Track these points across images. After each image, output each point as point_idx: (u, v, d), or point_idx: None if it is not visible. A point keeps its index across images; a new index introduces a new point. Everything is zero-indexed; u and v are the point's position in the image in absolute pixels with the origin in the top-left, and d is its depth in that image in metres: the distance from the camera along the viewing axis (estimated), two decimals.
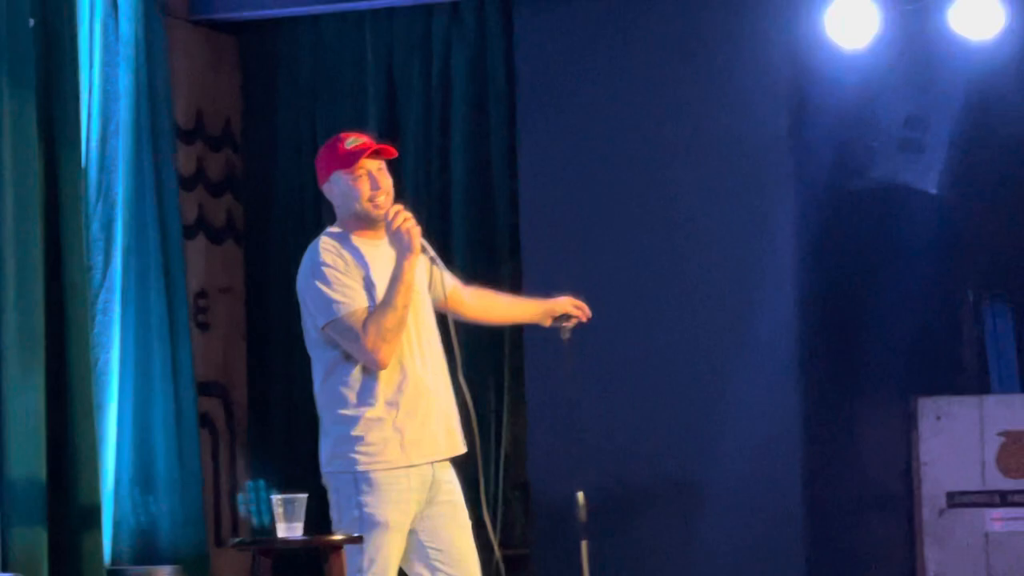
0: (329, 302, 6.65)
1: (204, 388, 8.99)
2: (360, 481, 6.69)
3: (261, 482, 8.66)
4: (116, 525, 8.43)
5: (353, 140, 6.81)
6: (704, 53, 8.84)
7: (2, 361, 7.75)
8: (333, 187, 6.81)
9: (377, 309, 6.63)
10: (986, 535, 9.86)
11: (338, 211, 6.85)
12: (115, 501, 8.44)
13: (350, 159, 6.76)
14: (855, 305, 9.53)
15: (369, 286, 6.66)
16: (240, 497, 8.39)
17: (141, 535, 8.50)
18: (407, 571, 6.88)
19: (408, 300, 6.67)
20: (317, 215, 9.16)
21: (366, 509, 6.68)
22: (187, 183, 9.07)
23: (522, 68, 9.08)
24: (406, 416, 6.75)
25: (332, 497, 6.81)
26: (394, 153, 6.93)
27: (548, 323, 7.21)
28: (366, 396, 6.70)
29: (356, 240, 6.75)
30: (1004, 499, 9.88)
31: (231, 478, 9.26)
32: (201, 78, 9.32)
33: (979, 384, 10.90)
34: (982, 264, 10.96)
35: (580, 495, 7.49)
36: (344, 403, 6.71)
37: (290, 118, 9.40)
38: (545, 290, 7.16)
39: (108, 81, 8.55)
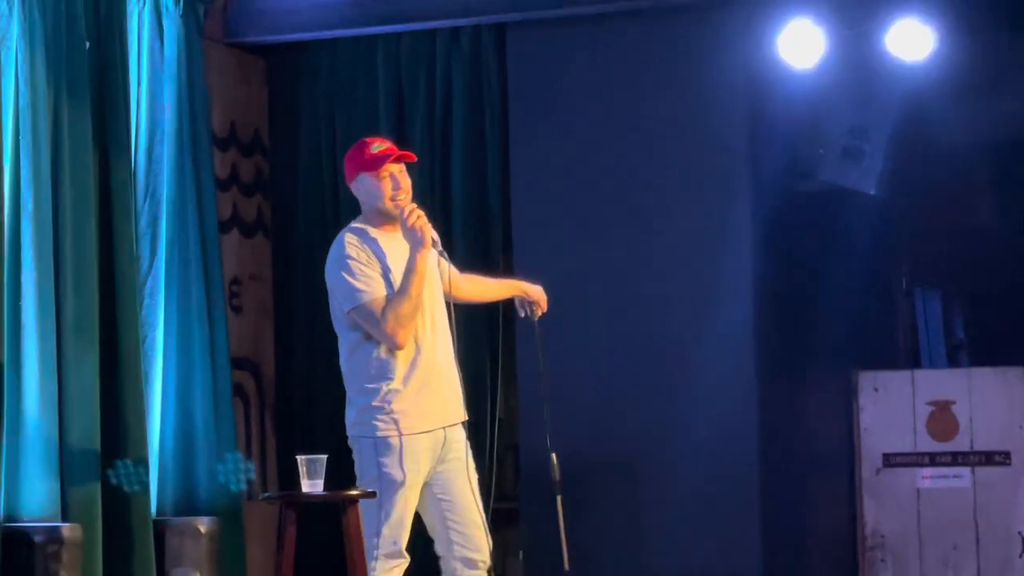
0: (353, 290, 6.68)
1: (237, 363, 8.98)
2: (380, 445, 6.72)
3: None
4: (161, 481, 8.42)
5: (378, 145, 6.83)
6: (672, 72, 8.82)
7: (61, 340, 7.75)
8: (359, 186, 6.83)
9: (394, 297, 6.66)
10: (917, 491, 9.87)
11: (363, 206, 6.86)
12: (160, 461, 8.44)
13: (375, 163, 6.78)
14: (804, 291, 9.54)
15: (386, 274, 6.69)
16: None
17: (182, 490, 8.50)
18: (424, 520, 6.94)
19: (421, 289, 6.70)
20: (336, 212, 9.20)
21: (384, 469, 6.71)
22: (222, 184, 9.07)
23: (513, 84, 9.06)
24: (420, 388, 6.78)
25: (356, 458, 6.83)
26: (414, 158, 6.97)
27: (521, 312, 7.28)
28: (386, 372, 6.73)
29: (376, 233, 6.77)
30: (932, 460, 9.89)
31: (261, 440, 9.28)
32: (234, 93, 9.32)
33: (911, 360, 10.96)
34: (914, 256, 10.98)
35: (553, 456, 7.47)
36: (367, 377, 6.75)
37: (311, 128, 9.38)
38: (533, 280, 7.19)
39: (154, 96, 8.54)
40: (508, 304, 7.69)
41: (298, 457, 6.49)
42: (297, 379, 9.31)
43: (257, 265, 9.42)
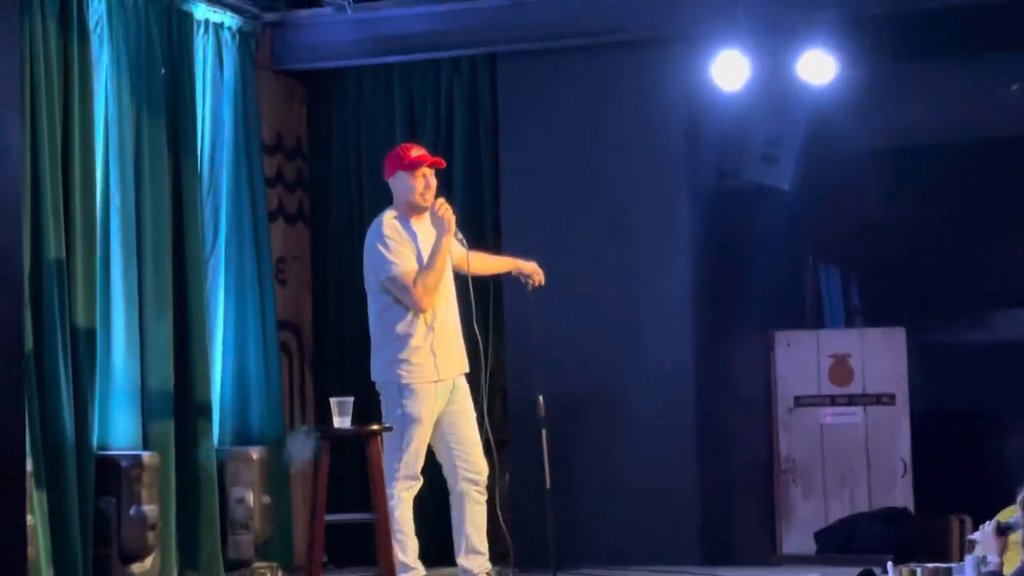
0: (389, 263, 6.76)
1: (282, 325, 8.94)
2: (403, 390, 6.80)
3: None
4: (222, 418, 8.41)
5: (416, 151, 6.98)
6: (628, 94, 8.77)
7: (143, 307, 7.76)
8: (396, 182, 6.93)
9: (423, 270, 6.74)
10: (821, 426, 9.89)
11: (396, 198, 6.95)
12: (221, 402, 8.42)
13: (413, 165, 6.90)
14: (731, 268, 9.52)
15: (418, 253, 6.78)
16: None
17: (238, 425, 8.48)
18: (435, 450, 6.95)
19: (444, 265, 6.81)
20: (361, 205, 9.17)
21: (406, 409, 6.79)
22: (270, 182, 9.02)
23: (503, 105, 9.02)
24: (435, 345, 6.86)
25: (382, 400, 6.94)
26: (443, 164, 7.14)
27: (525, 281, 7.31)
28: (409, 331, 6.80)
29: (407, 219, 6.88)
30: (833, 401, 9.91)
31: (301, 387, 9.25)
32: (279, 110, 9.27)
33: (816, 321, 10.98)
34: (819, 239, 11.00)
35: (540, 398, 7.49)
36: (394, 335, 6.82)
37: (341, 138, 9.32)
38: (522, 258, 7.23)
39: (216, 112, 8.51)
40: (498, 278, 7.69)
41: (331, 400, 6.52)
42: (330, 338, 9.28)
43: (298, 247, 9.38)
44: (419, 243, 6.86)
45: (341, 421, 6.39)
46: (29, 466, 6.36)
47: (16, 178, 4.39)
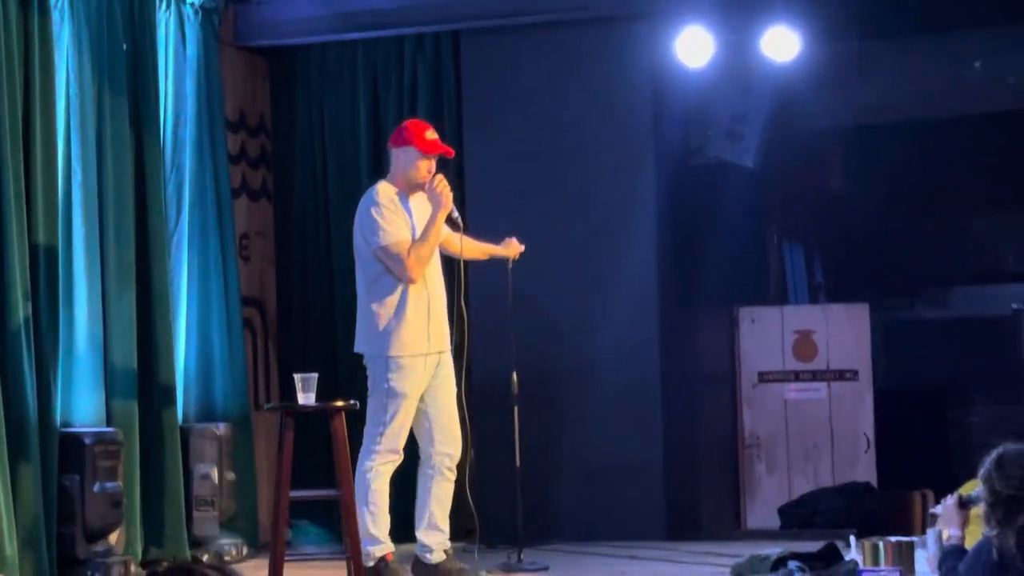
0: (383, 231, 6.72)
1: (246, 301, 8.92)
2: (391, 362, 6.76)
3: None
4: (185, 395, 8.37)
5: (431, 133, 6.94)
6: (592, 72, 8.77)
7: (105, 283, 7.73)
8: (402, 154, 6.90)
9: (417, 242, 6.73)
10: (785, 401, 9.96)
11: (395, 170, 6.92)
12: (184, 378, 8.39)
13: (429, 148, 6.89)
14: (696, 244, 9.56)
15: (412, 227, 6.76)
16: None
17: (203, 402, 8.46)
18: (413, 424, 6.94)
19: (438, 239, 6.81)
20: (325, 182, 9.18)
21: (392, 383, 6.76)
22: (233, 159, 8.98)
23: (466, 82, 9.01)
24: (424, 320, 6.82)
25: (369, 372, 6.89)
26: (452, 153, 7.13)
27: (508, 259, 7.31)
28: (400, 304, 6.76)
29: (403, 193, 6.85)
30: (797, 376, 9.97)
31: (265, 363, 9.24)
32: (242, 86, 9.23)
33: (780, 297, 11.04)
34: (783, 216, 11.06)
35: (514, 375, 7.52)
36: (383, 307, 6.77)
37: (305, 115, 9.30)
38: (484, 238, 7.21)
39: (178, 88, 8.46)
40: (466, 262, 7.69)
41: (295, 375, 6.50)
42: (294, 314, 9.28)
43: (262, 224, 9.35)
44: (414, 218, 6.83)
45: (305, 397, 6.37)
46: None
47: None
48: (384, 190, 6.85)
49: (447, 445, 6.97)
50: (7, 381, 7.00)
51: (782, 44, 8.55)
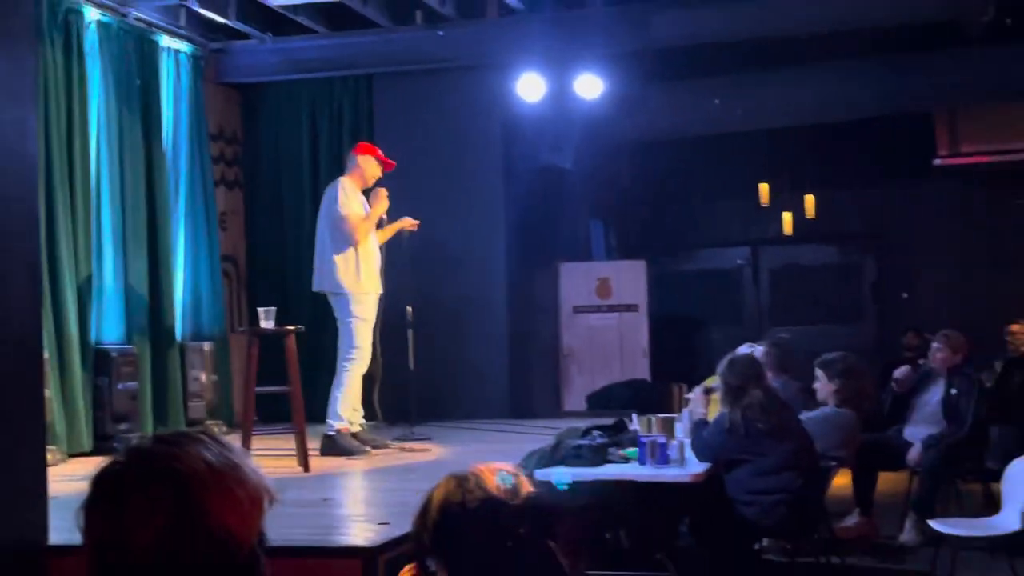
0: (344, 206, 6.58)
1: (224, 258, 8.85)
2: (351, 297, 6.62)
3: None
4: (183, 322, 8.30)
5: (380, 153, 6.83)
6: (461, 105, 8.77)
7: (126, 246, 7.65)
8: (364, 161, 6.75)
9: (364, 220, 6.62)
10: (590, 326, 10.11)
11: (353, 171, 6.76)
12: (182, 311, 8.31)
13: (384, 163, 6.78)
14: (532, 221, 9.43)
15: (364, 208, 6.65)
16: None
17: (194, 327, 8.39)
18: None
19: (374, 223, 6.68)
20: (279, 177, 9.09)
21: (356, 314, 6.62)
22: (215, 160, 8.88)
23: (378, 113, 8.96)
24: (373, 267, 6.69)
25: (335, 307, 6.70)
26: (394, 166, 6.93)
27: (405, 231, 7.19)
28: (356, 256, 6.62)
29: (360, 187, 6.72)
30: (598, 309, 10.12)
31: (239, 300, 9.15)
32: (221, 110, 9.10)
33: (587, 256, 11.18)
34: (590, 200, 11.17)
35: (409, 308, 7.48)
36: (344, 257, 6.62)
37: (265, 130, 9.19)
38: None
39: (176, 111, 8.34)
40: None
41: (259, 308, 6.45)
42: (258, 267, 9.21)
43: (235, 205, 9.25)
44: (364, 204, 6.79)
45: (266, 323, 6.32)
46: (46, 354, 6.27)
47: (33, 160, 4.31)
48: (348, 183, 6.75)
49: (374, 358, 6.94)
50: (58, 313, 6.94)
51: (590, 85, 8.60)
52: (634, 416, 6.79)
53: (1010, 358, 8.75)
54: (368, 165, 6.79)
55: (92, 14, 7.47)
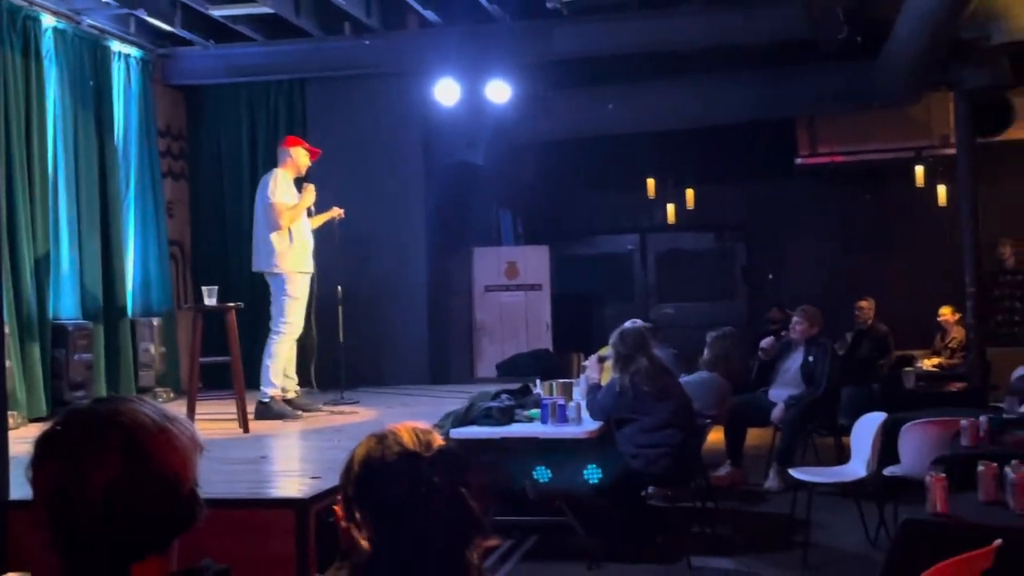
0: (275, 193, 6.48)
1: (171, 242, 8.71)
2: (285, 277, 6.53)
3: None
4: (133, 300, 8.17)
5: (308, 144, 6.72)
6: (385, 109, 8.71)
7: (80, 231, 7.48)
8: (295, 152, 6.63)
9: (292, 208, 6.53)
10: (500, 303, 10.15)
11: (286, 162, 6.64)
12: (133, 290, 8.17)
13: (312, 153, 6.67)
14: (449, 212, 9.50)
15: (294, 197, 6.55)
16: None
17: (145, 304, 8.26)
18: None
19: (302, 211, 6.57)
20: (221, 171, 8.95)
21: (289, 291, 6.53)
22: (162, 155, 8.72)
23: (311, 113, 8.85)
24: (307, 249, 6.60)
25: (271, 286, 6.60)
26: (320, 153, 6.84)
27: (335, 219, 7.11)
28: (288, 238, 6.54)
29: (294, 175, 6.62)
30: (507, 288, 10.15)
31: (184, 282, 9.01)
32: (168, 109, 8.94)
33: (497, 241, 11.20)
34: (500, 192, 11.18)
35: (339, 288, 7.41)
36: (277, 238, 6.52)
37: (207, 128, 9.06)
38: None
39: (126, 110, 8.19)
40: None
41: (202, 287, 6.38)
42: (202, 250, 9.08)
43: (181, 195, 9.11)
44: (296, 192, 6.69)
45: (210, 300, 6.25)
46: (7, 328, 6.13)
47: None
48: (282, 173, 6.67)
49: (307, 332, 6.88)
50: (18, 292, 6.78)
51: (500, 91, 8.60)
52: (538, 381, 6.89)
53: (859, 329, 9.14)
54: (299, 155, 6.74)
55: (49, 20, 7.29)
